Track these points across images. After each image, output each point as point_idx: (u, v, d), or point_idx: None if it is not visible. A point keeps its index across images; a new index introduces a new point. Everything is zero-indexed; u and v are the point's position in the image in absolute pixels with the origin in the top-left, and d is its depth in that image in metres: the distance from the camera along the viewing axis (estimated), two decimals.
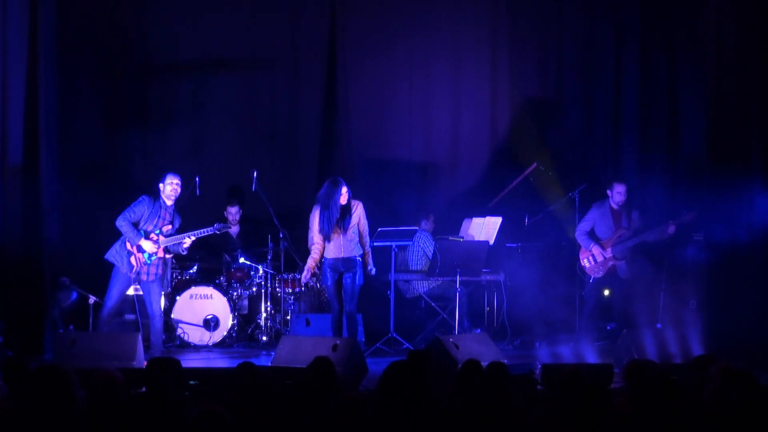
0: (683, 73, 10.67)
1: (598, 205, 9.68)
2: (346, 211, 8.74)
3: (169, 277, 9.25)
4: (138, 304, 9.27)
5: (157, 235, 8.79)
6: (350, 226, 8.72)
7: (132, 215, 8.78)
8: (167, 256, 8.90)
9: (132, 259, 8.77)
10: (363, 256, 8.81)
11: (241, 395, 4.88)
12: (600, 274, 9.53)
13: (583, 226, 9.67)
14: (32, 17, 9.38)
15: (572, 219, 10.16)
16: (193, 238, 8.88)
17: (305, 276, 8.96)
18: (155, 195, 8.89)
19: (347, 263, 8.74)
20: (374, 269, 8.93)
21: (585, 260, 9.60)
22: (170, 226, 8.87)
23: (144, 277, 8.82)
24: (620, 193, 9.51)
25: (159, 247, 8.80)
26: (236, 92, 11.11)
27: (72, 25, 10.25)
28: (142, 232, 8.77)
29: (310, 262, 8.83)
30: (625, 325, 9.21)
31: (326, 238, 8.70)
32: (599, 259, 9.50)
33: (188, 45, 10.97)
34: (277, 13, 11.09)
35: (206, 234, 9.01)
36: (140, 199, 8.84)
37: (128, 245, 8.78)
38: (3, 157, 9.28)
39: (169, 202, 8.87)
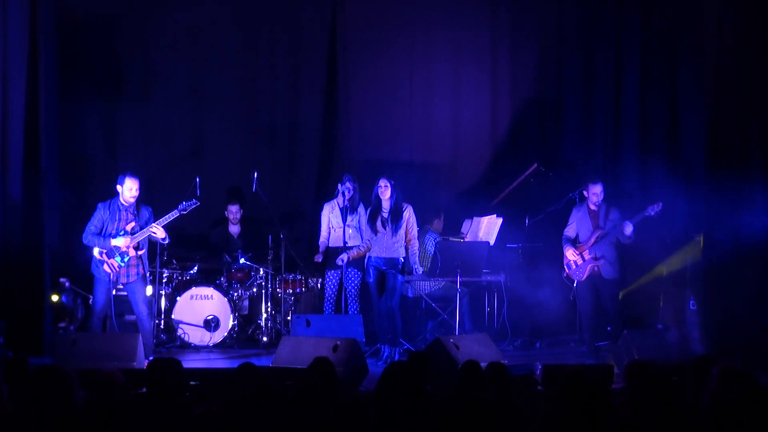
0: (683, 74, 10.67)
1: (577, 208, 9.57)
2: (397, 213, 9.18)
3: (148, 279, 9.06)
4: (127, 304, 9.23)
5: (123, 235, 8.69)
6: (399, 228, 9.19)
7: (94, 227, 8.71)
8: (140, 252, 8.77)
9: (105, 266, 8.67)
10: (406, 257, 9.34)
11: (241, 396, 4.88)
12: (582, 277, 9.35)
13: (565, 231, 9.55)
14: (32, 17, 9.37)
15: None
16: (161, 226, 8.71)
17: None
18: (112, 196, 8.79)
19: (390, 262, 9.22)
20: (420, 268, 9.44)
21: (566, 265, 9.51)
22: (134, 224, 8.72)
23: (124, 280, 8.78)
24: (596, 194, 9.34)
25: (130, 245, 8.67)
26: (236, 92, 11.11)
27: (72, 26, 10.27)
28: (108, 236, 8.68)
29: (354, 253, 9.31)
30: (619, 326, 9.16)
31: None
32: (578, 261, 9.36)
33: (188, 44, 10.97)
34: (278, 13, 11.10)
35: (173, 217, 8.81)
36: (96, 208, 8.77)
37: (97, 254, 8.70)
38: (3, 157, 9.28)
39: (126, 204, 8.75)
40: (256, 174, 9.91)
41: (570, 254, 9.38)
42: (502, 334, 10.07)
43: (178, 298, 9.88)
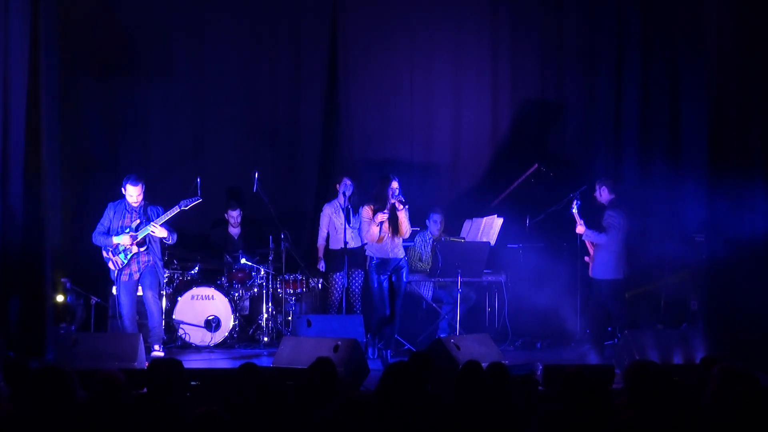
0: (684, 74, 10.67)
1: None
2: (394, 213, 8.88)
3: (161, 275, 9.26)
4: (139, 305, 9.29)
5: (126, 233, 8.95)
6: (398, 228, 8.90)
7: (102, 227, 9.04)
8: (141, 249, 8.98)
9: (110, 264, 9.02)
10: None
11: (243, 396, 4.88)
12: (589, 273, 9.55)
13: None
14: (34, 15, 9.37)
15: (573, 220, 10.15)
16: (159, 224, 8.94)
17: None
18: (119, 196, 9.07)
19: (393, 263, 8.98)
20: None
21: None
22: (139, 221, 8.97)
23: (135, 268, 8.98)
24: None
25: (132, 242, 8.92)
26: (237, 92, 11.11)
27: (73, 26, 10.28)
28: (112, 234, 8.97)
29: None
30: (619, 327, 9.19)
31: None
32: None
33: (189, 44, 10.97)
34: (278, 13, 11.09)
35: (173, 214, 9.03)
36: (106, 207, 9.09)
37: (104, 253, 9.01)
38: (5, 158, 9.28)
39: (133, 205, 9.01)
40: (257, 174, 9.91)
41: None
42: (502, 335, 10.06)
43: (179, 299, 9.88)
